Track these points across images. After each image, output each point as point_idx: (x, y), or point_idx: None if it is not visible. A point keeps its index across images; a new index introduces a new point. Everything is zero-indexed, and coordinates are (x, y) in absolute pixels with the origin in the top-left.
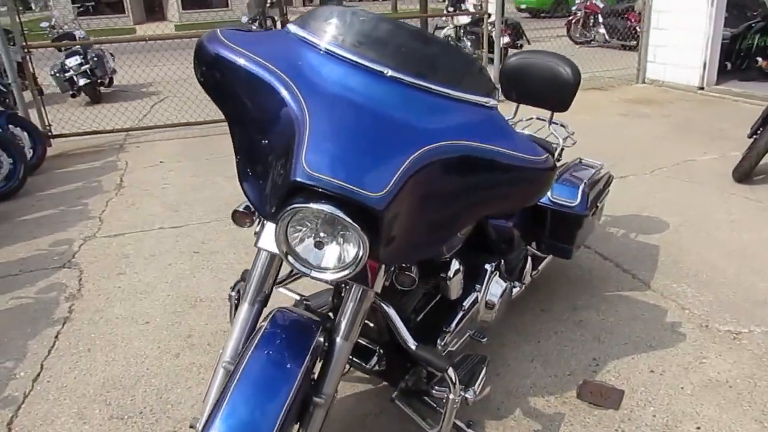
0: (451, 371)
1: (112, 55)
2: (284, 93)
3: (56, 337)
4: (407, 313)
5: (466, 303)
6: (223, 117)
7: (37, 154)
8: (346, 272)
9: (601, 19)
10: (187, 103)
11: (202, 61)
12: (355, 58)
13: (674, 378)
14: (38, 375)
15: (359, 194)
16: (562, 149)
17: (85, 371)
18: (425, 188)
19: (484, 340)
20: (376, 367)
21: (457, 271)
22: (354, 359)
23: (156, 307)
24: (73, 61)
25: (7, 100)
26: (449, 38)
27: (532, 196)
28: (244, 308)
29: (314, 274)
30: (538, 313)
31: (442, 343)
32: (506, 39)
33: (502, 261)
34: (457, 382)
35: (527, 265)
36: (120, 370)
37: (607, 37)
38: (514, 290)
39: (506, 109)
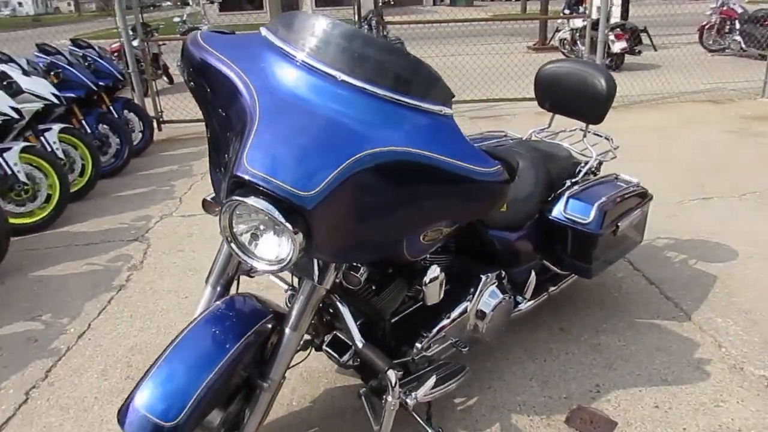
0: (391, 373)
1: None
2: (243, 93)
3: (109, 301)
4: (386, 314)
5: (454, 311)
6: None
7: (145, 137)
8: (278, 266)
9: (738, 26)
10: None
11: (185, 60)
12: (310, 62)
13: (679, 417)
14: (83, 333)
15: (290, 192)
16: (600, 163)
17: (121, 334)
18: (362, 192)
19: (465, 349)
20: (350, 362)
21: (434, 278)
22: (331, 353)
23: (199, 284)
24: None
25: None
26: (565, 41)
27: (481, 208)
28: (207, 290)
29: (250, 263)
30: (554, 332)
31: (419, 347)
32: (622, 44)
33: (504, 273)
34: (397, 385)
35: (530, 280)
36: (149, 337)
37: (743, 45)
38: (521, 305)
39: (543, 118)
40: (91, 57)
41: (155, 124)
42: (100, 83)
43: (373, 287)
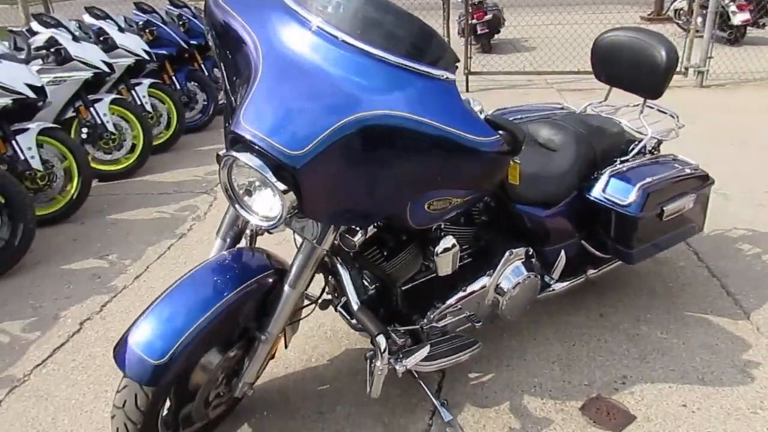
0: (380, 338)
1: None
2: (252, 52)
3: (168, 248)
4: (398, 280)
5: (472, 284)
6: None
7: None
8: (270, 223)
9: None
10: None
11: (207, 20)
12: (314, 22)
13: (706, 420)
14: (140, 275)
15: (279, 151)
16: (659, 143)
17: (170, 278)
18: (353, 154)
19: (479, 324)
20: (359, 325)
21: (447, 249)
22: (344, 314)
23: None
24: None
25: None
26: (680, 12)
27: (477, 178)
28: (217, 242)
29: (246, 217)
30: (592, 316)
31: (431, 316)
32: (745, 15)
33: (532, 250)
34: (386, 351)
35: (559, 260)
36: None
37: None
38: (553, 286)
39: (600, 92)
40: (186, 16)
41: None
42: (192, 42)
43: (385, 252)
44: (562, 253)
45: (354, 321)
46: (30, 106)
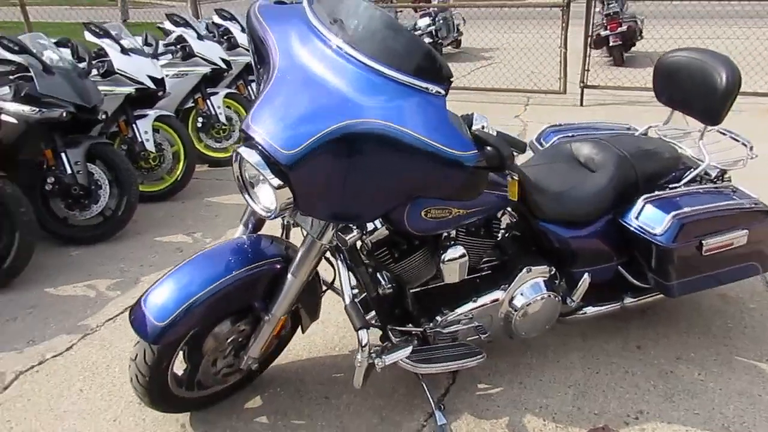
0: (362, 333)
1: (463, 19)
2: (272, 58)
3: None
4: (407, 282)
5: (485, 295)
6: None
7: None
8: (268, 214)
9: None
10: (505, 70)
11: (247, 26)
12: (325, 34)
13: None
14: None
15: (273, 149)
16: (722, 171)
17: None
18: (340, 157)
19: (485, 336)
20: (371, 321)
21: (453, 258)
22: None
23: None
24: (422, 22)
25: None
26: None
27: (457, 189)
28: (239, 228)
29: (252, 206)
30: (628, 347)
31: (439, 322)
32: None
33: (554, 269)
34: (367, 346)
35: (581, 283)
36: None
37: None
38: (586, 309)
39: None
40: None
41: None
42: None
43: (397, 254)
44: (586, 276)
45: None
46: (151, 96)
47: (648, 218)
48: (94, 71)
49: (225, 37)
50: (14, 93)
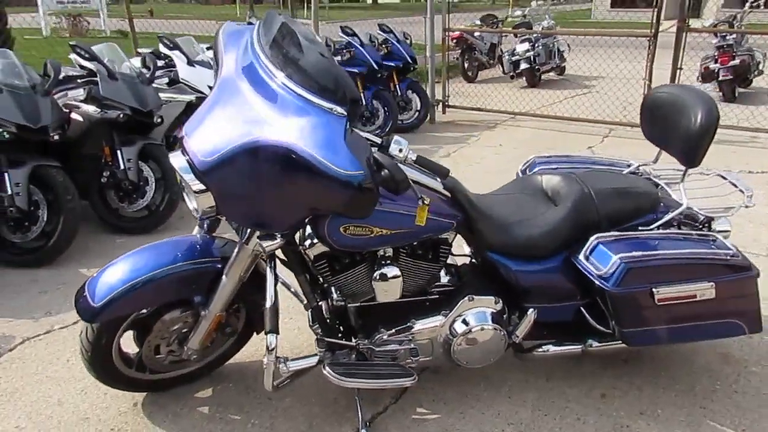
0: (271, 337)
1: (568, 46)
2: (219, 74)
3: None
4: (345, 296)
5: (424, 319)
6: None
7: (420, 116)
8: (196, 214)
9: None
10: (600, 98)
11: (213, 44)
12: (259, 53)
13: None
14: None
15: (194, 156)
16: (709, 221)
17: None
18: (249, 168)
19: (416, 359)
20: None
21: (384, 276)
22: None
23: None
24: (521, 48)
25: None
26: None
27: (343, 207)
28: (196, 227)
29: (187, 203)
30: (593, 394)
31: (374, 339)
32: None
33: (500, 301)
34: (275, 349)
35: (526, 319)
36: None
37: None
38: (547, 347)
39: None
40: (391, 41)
41: (440, 107)
42: (389, 63)
43: (337, 267)
44: (530, 312)
45: (310, 322)
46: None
47: (597, 259)
48: (165, 79)
49: None
50: (86, 95)
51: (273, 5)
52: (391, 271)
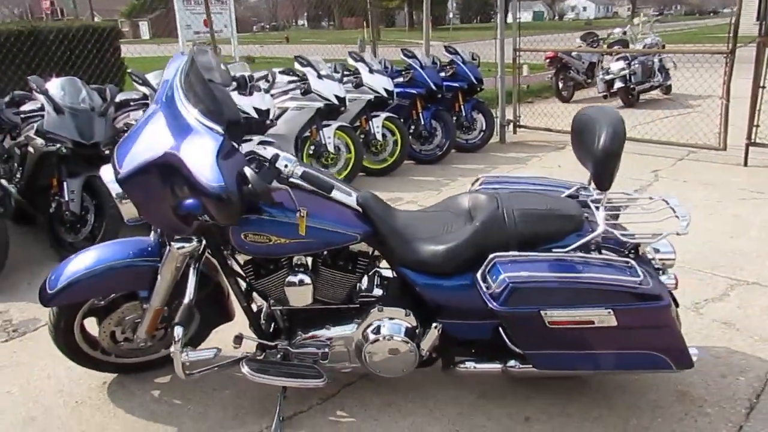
0: (177, 329)
1: (674, 63)
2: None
3: None
4: (267, 298)
5: (338, 326)
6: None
7: (484, 136)
8: (125, 219)
9: None
10: (687, 121)
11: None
12: (176, 83)
13: None
14: None
15: (115, 168)
16: (637, 246)
17: None
18: (153, 179)
19: (325, 362)
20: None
21: (291, 283)
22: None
23: None
24: (615, 66)
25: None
26: None
27: (214, 213)
28: (152, 232)
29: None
30: (516, 417)
31: (293, 341)
32: None
33: (410, 314)
34: (180, 341)
35: (430, 334)
36: None
37: None
38: (468, 364)
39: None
40: (456, 62)
41: (511, 127)
42: (450, 84)
43: (262, 271)
44: (434, 327)
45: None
46: (336, 110)
47: (492, 277)
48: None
49: (353, 76)
50: (35, 129)
51: (400, 28)
52: (297, 277)
